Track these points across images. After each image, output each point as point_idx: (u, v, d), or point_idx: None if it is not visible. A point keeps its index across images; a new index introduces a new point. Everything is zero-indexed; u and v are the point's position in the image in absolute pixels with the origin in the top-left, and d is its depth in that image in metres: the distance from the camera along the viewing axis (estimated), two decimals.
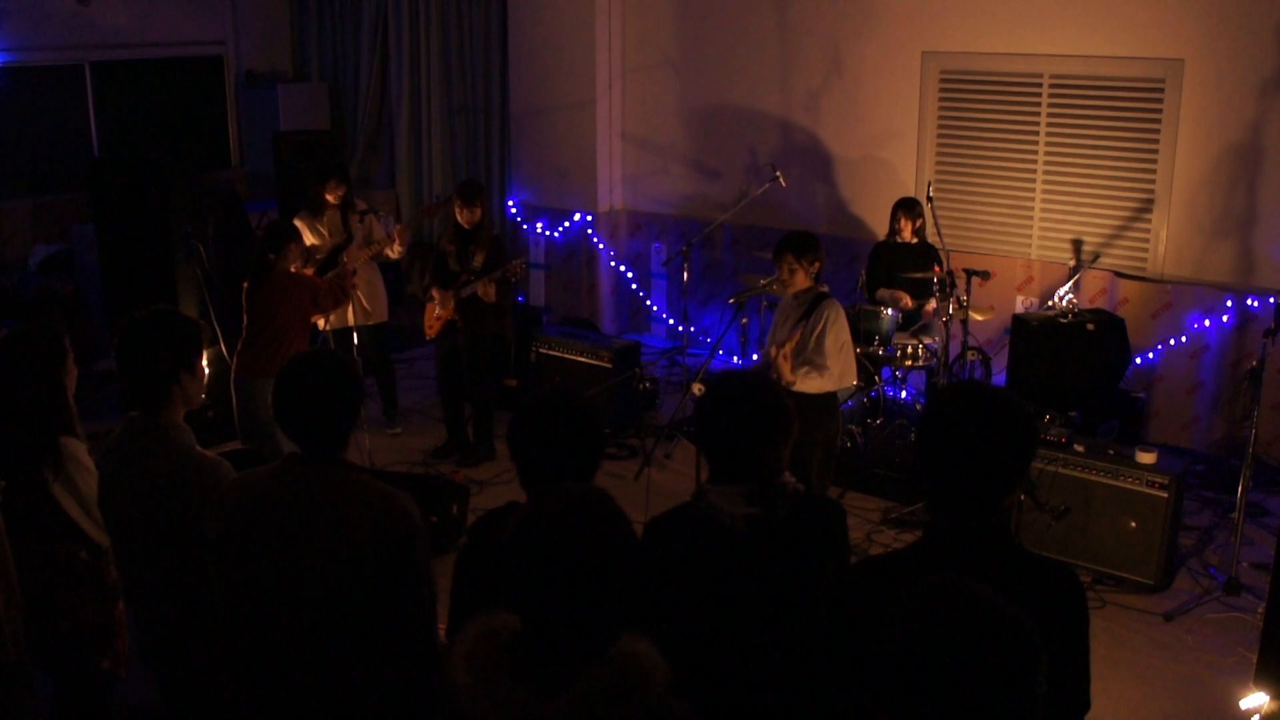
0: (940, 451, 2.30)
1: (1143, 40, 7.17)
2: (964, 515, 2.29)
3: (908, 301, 7.09)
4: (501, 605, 1.93)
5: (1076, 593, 2.31)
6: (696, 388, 5.41)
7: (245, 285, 6.12)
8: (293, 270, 6.12)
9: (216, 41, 11.08)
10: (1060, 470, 5.60)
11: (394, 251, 7.22)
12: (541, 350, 7.82)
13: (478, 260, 6.83)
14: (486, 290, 6.75)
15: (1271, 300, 6.55)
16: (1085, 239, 7.60)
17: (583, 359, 7.62)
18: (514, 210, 10.06)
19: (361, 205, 7.42)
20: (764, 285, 6.03)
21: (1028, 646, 1.66)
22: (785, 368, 4.99)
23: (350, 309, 7.06)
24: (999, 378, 7.42)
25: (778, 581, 2.73)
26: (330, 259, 6.99)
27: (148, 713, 3.53)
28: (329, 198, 7.12)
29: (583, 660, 1.85)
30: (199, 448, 3.18)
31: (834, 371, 5.16)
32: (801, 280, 5.23)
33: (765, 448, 2.76)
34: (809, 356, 5.15)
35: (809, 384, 5.07)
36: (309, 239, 7.14)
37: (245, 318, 6.08)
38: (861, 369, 6.55)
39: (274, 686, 2.81)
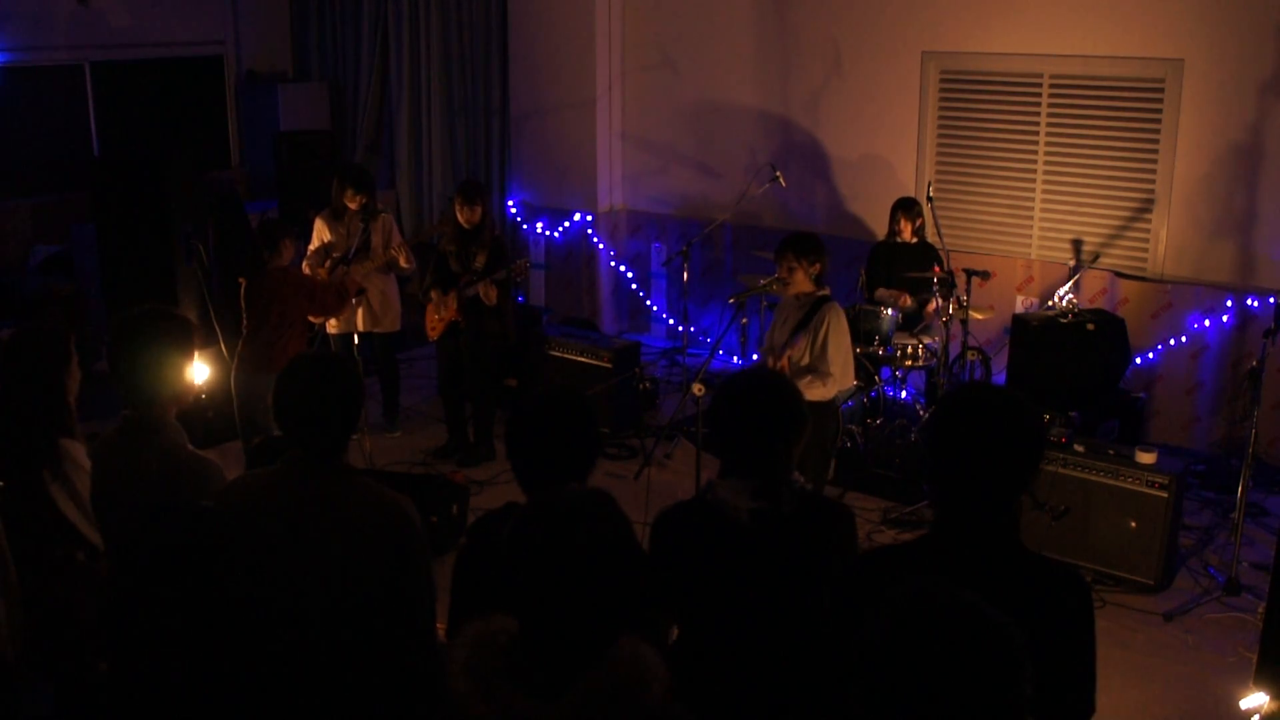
0: (949, 452, 2.30)
1: (1143, 40, 7.17)
2: (971, 516, 2.29)
3: (908, 301, 7.08)
4: (500, 606, 1.93)
5: (1083, 597, 2.29)
6: (696, 388, 5.41)
7: (242, 283, 6.15)
8: (289, 267, 6.15)
9: (216, 41, 11.08)
10: (1060, 470, 5.59)
11: (405, 262, 7.16)
12: (542, 350, 7.82)
13: (479, 261, 6.82)
14: (488, 292, 6.74)
15: (1271, 300, 6.55)
16: (1085, 239, 7.60)
17: (583, 359, 7.62)
18: (514, 210, 10.06)
19: (379, 207, 7.37)
20: (764, 285, 6.03)
21: (1012, 652, 1.64)
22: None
23: (359, 315, 7.05)
24: (999, 378, 7.42)
25: (780, 576, 2.74)
26: (344, 260, 6.97)
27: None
28: (349, 204, 7.09)
29: (581, 663, 1.84)
30: (190, 446, 3.18)
31: (836, 376, 5.17)
32: (801, 280, 5.23)
33: (776, 445, 2.78)
34: (814, 365, 5.15)
35: (813, 392, 5.07)
36: (326, 236, 7.14)
37: (244, 315, 6.11)
38: (861, 369, 6.55)
39: (273, 687, 2.81)
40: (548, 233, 9.79)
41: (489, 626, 1.92)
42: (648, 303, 9.65)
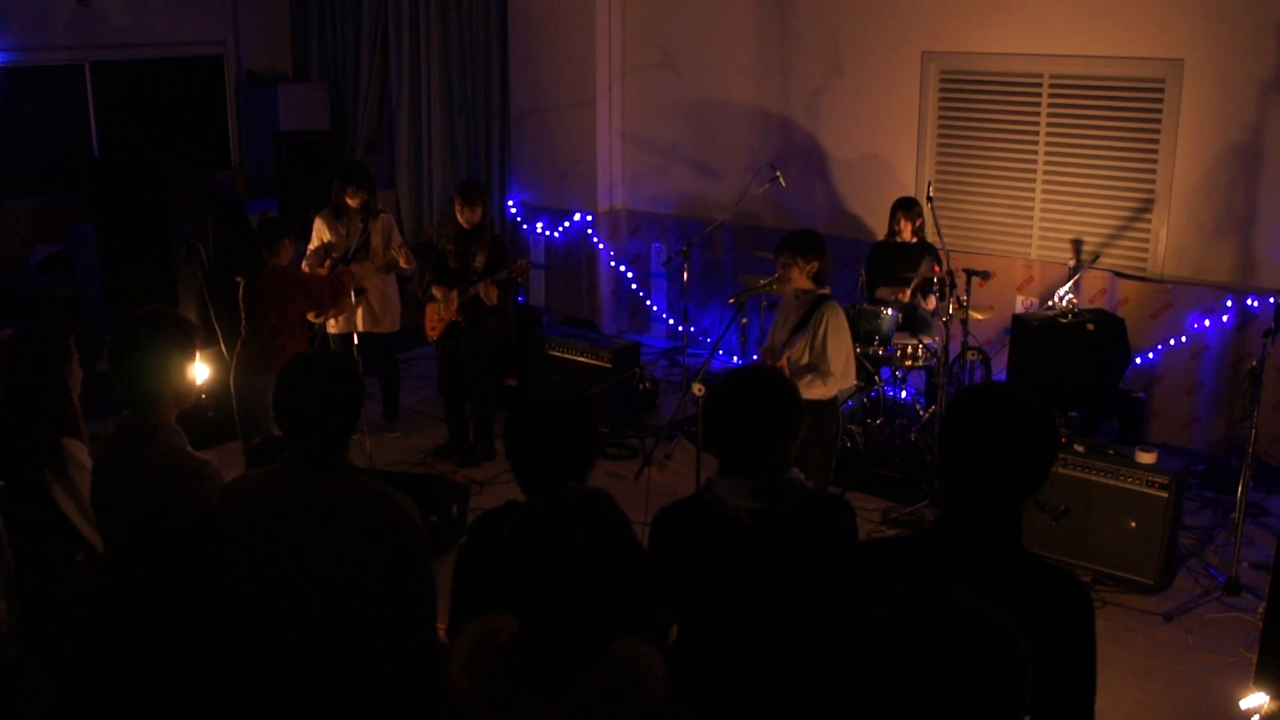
0: (961, 450, 2.30)
1: (1143, 40, 7.17)
2: (976, 515, 2.29)
3: (904, 295, 7.08)
4: (501, 606, 1.93)
5: (1083, 602, 2.29)
6: (696, 388, 5.41)
7: (240, 282, 6.15)
8: (288, 266, 6.15)
9: (216, 41, 11.08)
10: (1060, 470, 5.59)
11: (405, 263, 7.16)
12: (542, 350, 7.82)
13: (479, 261, 6.82)
14: (488, 292, 6.74)
15: (1271, 300, 6.55)
16: (1085, 239, 7.60)
17: (583, 359, 7.62)
18: (514, 210, 10.06)
19: (379, 207, 7.36)
20: (764, 285, 6.03)
21: (1014, 654, 1.64)
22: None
23: (359, 315, 7.04)
24: (999, 378, 7.42)
25: (781, 576, 2.74)
26: (344, 260, 6.96)
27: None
28: (350, 202, 7.09)
29: (581, 662, 1.84)
30: (189, 448, 3.17)
31: (837, 375, 5.16)
32: (797, 277, 5.22)
33: (773, 442, 2.77)
34: (814, 364, 5.15)
35: (813, 391, 5.07)
36: (326, 236, 7.13)
37: (242, 315, 6.11)
38: (861, 369, 6.55)
39: (274, 687, 2.81)
40: (548, 233, 9.79)
41: (489, 626, 1.92)
42: (648, 303, 9.65)
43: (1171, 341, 7.24)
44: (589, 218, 9.55)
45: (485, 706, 1.83)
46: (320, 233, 7.15)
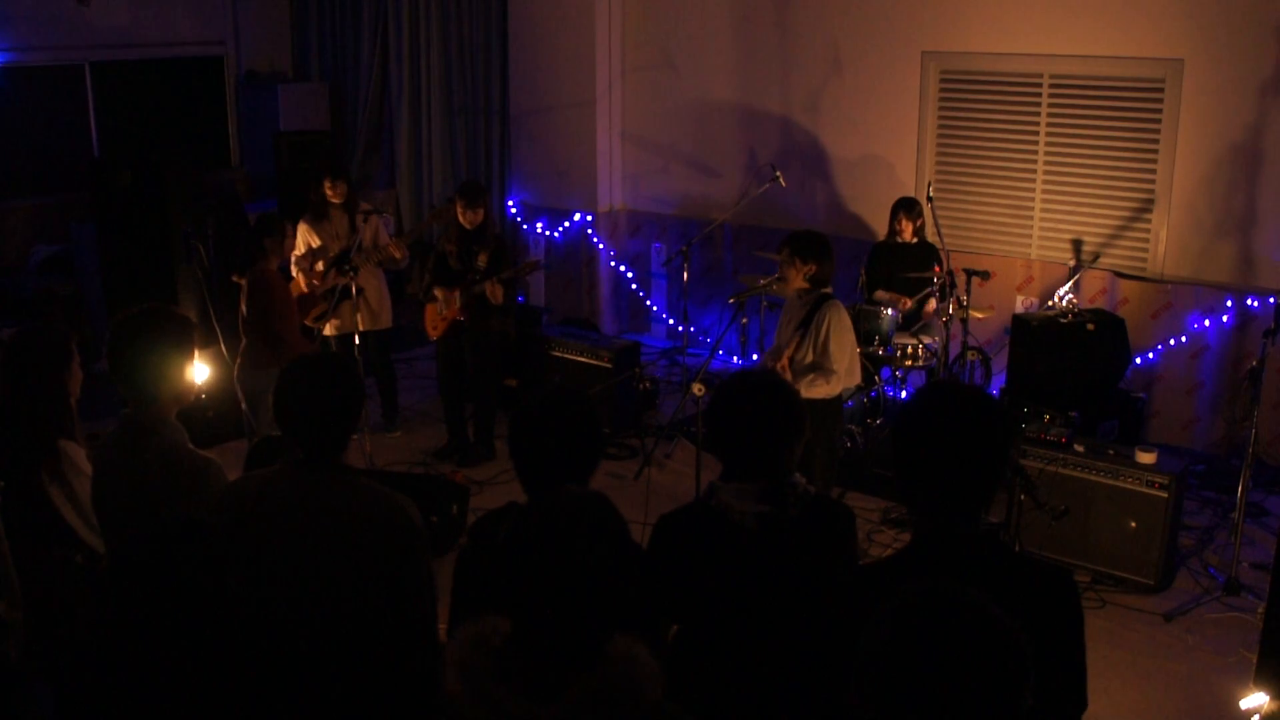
0: (917, 456, 2.30)
1: (1143, 40, 7.17)
2: (950, 518, 2.29)
3: (907, 304, 7.09)
4: (501, 606, 1.93)
5: (1070, 593, 2.31)
6: (696, 388, 5.40)
7: (241, 284, 6.16)
8: (275, 274, 6.19)
9: (216, 41, 11.08)
10: (1060, 470, 5.60)
11: (399, 255, 7.18)
12: (542, 350, 7.82)
13: (482, 260, 6.83)
14: (494, 291, 6.74)
15: (1271, 300, 6.55)
16: (1085, 239, 7.60)
17: (583, 359, 7.62)
18: (514, 210, 10.06)
19: (366, 206, 7.36)
20: (764, 285, 6.03)
21: (1018, 657, 1.64)
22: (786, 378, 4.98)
23: (358, 315, 7.05)
24: (999, 378, 7.42)
25: (787, 580, 2.73)
26: (340, 260, 6.95)
27: None
28: (330, 196, 7.07)
29: (575, 665, 1.84)
30: (190, 445, 3.17)
31: (840, 374, 5.15)
32: (794, 278, 5.21)
33: (778, 446, 2.77)
34: (817, 362, 5.14)
35: (816, 390, 5.06)
36: (314, 241, 7.09)
37: (241, 310, 6.14)
38: (861, 369, 6.55)
39: (274, 688, 2.81)
40: (548, 233, 9.79)
41: (483, 627, 1.91)
42: (648, 303, 9.65)
43: (1171, 341, 7.24)
44: (589, 218, 9.55)
45: (478, 709, 1.83)
46: (307, 238, 7.08)
